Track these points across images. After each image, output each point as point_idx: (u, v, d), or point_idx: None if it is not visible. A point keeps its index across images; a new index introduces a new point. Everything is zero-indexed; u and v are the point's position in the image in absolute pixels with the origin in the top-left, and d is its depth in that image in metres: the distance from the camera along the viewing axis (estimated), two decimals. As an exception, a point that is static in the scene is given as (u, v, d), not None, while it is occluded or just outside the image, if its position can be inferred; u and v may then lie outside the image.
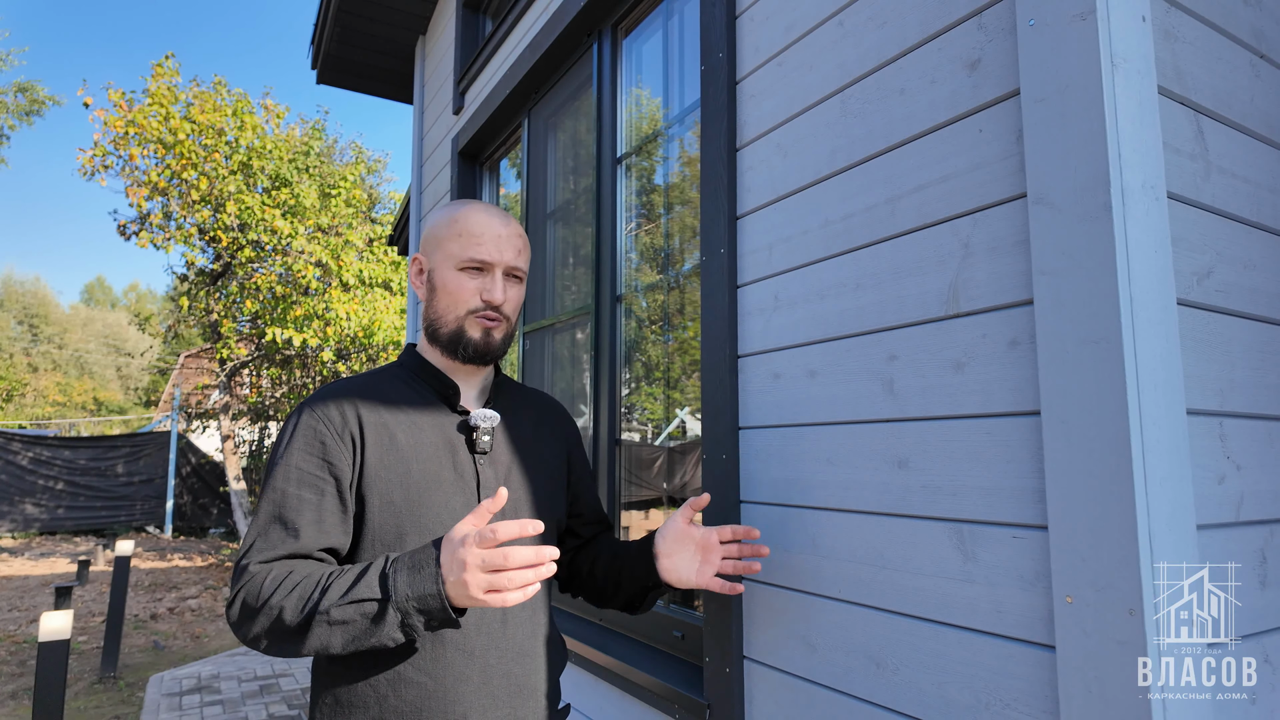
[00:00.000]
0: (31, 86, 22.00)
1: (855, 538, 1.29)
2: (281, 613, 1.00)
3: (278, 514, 1.08)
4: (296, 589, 1.01)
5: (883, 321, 1.26)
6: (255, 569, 1.05)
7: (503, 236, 1.22)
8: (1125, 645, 0.87)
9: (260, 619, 1.01)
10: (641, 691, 1.83)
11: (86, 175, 9.52)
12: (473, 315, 1.21)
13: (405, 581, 0.97)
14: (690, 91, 2.12)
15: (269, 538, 1.08)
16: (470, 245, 1.20)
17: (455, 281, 1.21)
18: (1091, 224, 0.94)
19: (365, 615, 0.97)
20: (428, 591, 0.96)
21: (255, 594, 1.02)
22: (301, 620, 0.99)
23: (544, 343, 2.95)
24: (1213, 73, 1.11)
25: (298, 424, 1.13)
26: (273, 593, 1.01)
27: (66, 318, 43.32)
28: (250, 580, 1.04)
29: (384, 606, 0.97)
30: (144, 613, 7.36)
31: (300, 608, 0.99)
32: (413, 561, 0.99)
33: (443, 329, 1.22)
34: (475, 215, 1.23)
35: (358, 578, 1.00)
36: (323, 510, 1.09)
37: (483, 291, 1.21)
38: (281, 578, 1.03)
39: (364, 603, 0.97)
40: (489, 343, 1.22)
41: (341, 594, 0.98)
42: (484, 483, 1.18)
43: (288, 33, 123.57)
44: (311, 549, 1.08)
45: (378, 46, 4.30)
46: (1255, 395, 1.09)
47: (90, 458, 13.26)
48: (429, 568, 0.97)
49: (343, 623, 0.98)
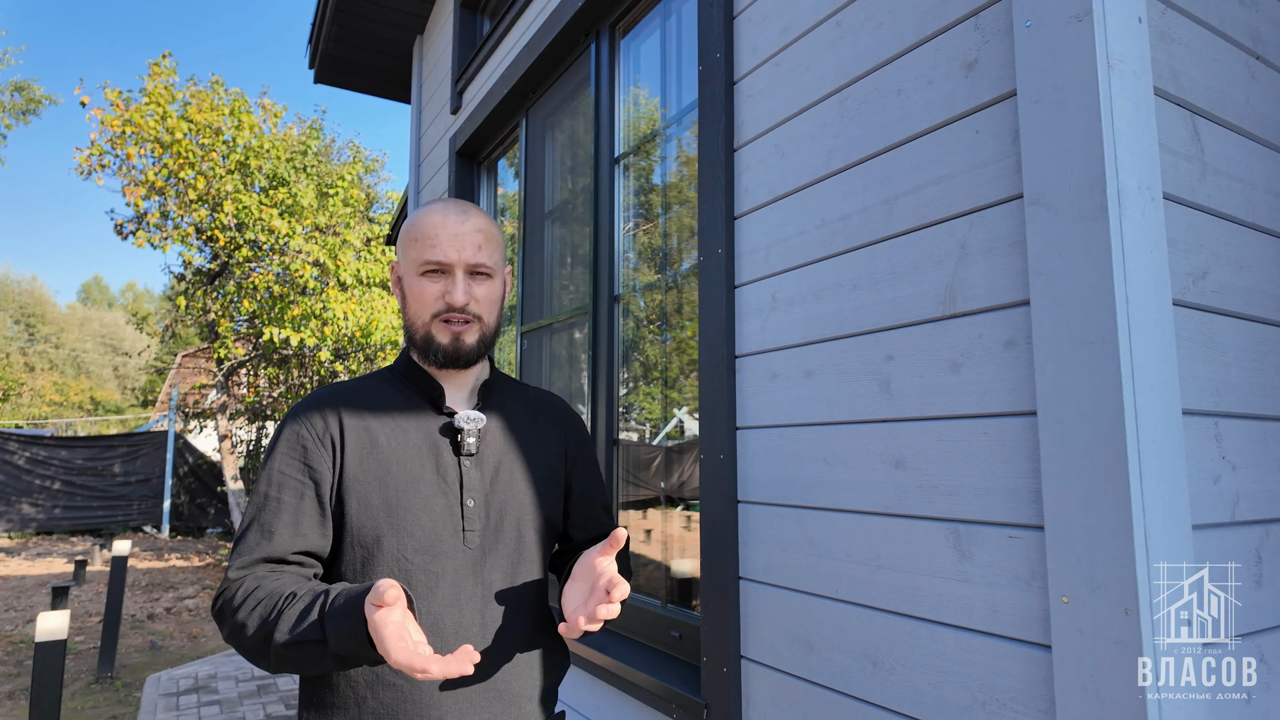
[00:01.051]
0: (28, 85, 21.95)
1: (852, 537, 1.29)
2: (245, 629, 1.02)
3: (256, 517, 1.11)
4: (258, 608, 1.02)
5: (880, 322, 1.26)
6: (234, 575, 1.07)
7: (460, 234, 1.17)
8: (1121, 644, 0.88)
9: (234, 632, 1.04)
10: (639, 691, 1.83)
11: (83, 174, 9.50)
12: (437, 319, 1.18)
13: (334, 629, 0.97)
14: (688, 91, 2.12)
15: (246, 542, 1.10)
16: (426, 247, 1.16)
17: (419, 287, 1.18)
18: (1088, 225, 0.94)
19: (315, 655, 0.99)
20: (358, 649, 0.96)
21: (230, 606, 1.04)
22: (260, 644, 1.01)
23: (542, 342, 2.95)
24: (1209, 74, 1.12)
25: (283, 430, 1.16)
26: (239, 607, 1.03)
27: (63, 317, 43.25)
28: (227, 588, 1.06)
29: (323, 647, 0.98)
30: (141, 613, 7.34)
31: (258, 628, 1.01)
32: (347, 607, 0.97)
33: (415, 335, 1.20)
34: (430, 216, 1.18)
35: (302, 613, 1.00)
36: (300, 513, 1.11)
37: (445, 294, 1.17)
38: (250, 591, 1.04)
39: (306, 644, 0.98)
40: (458, 347, 1.18)
41: (289, 628, 1.00)
42: (468, 484, 1.17)
43: (285, 32, 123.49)
44: (285, 552, 1.09)
45: (375, 46, 4.30)
46: (1251, 395, 1.09)
47: (87, 457, 13.23)
48: (356, 617, 0.95)
49: (294, 654, 0.99)
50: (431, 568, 1.12)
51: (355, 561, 1.13)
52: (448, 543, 1.13)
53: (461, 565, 1.14)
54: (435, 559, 1.12)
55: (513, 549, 1.19)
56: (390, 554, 1.11)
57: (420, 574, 1.11)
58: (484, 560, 1.16)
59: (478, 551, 1.15)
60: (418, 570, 1.11)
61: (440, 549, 1.13)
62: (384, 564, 1.11)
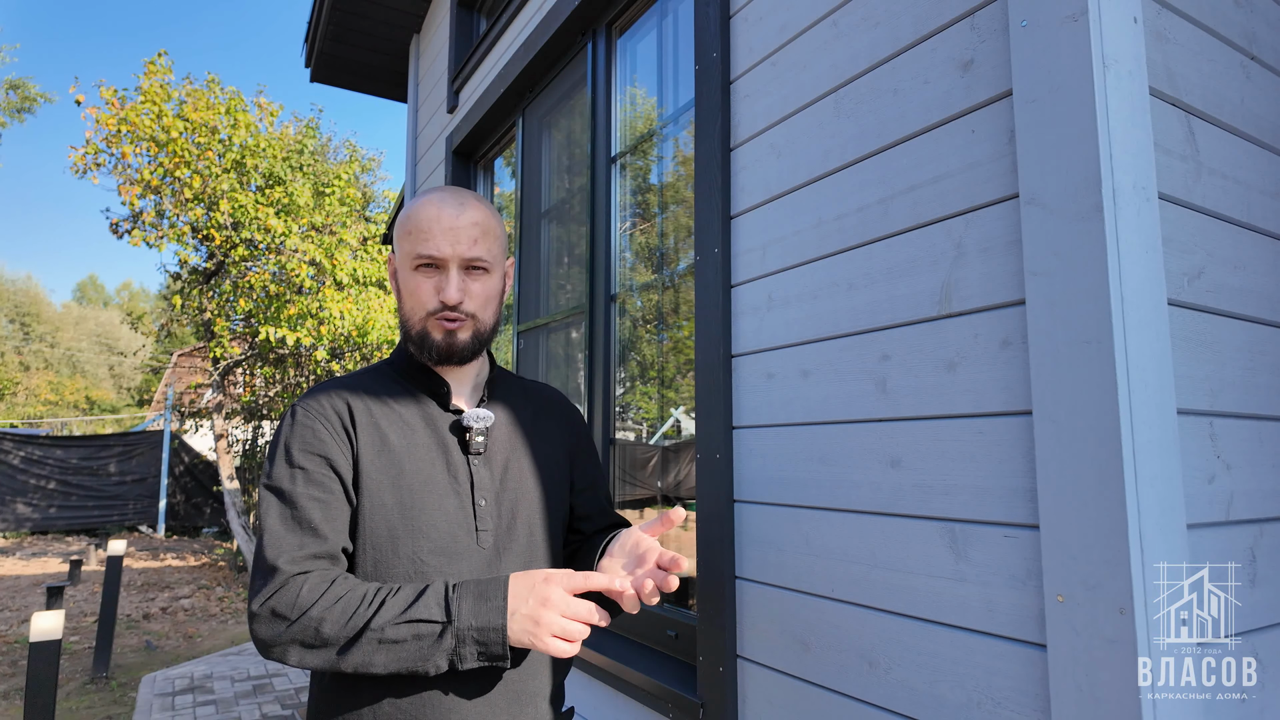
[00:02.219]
0: (23, 83, 21.88)
1: (848, 537, 1.29)
2: (321, 625, 0.97)
3: (293, 515, 1.05)
4: (340, 602, 0.98)
5: (875, 321, 1.26)
6: (287, 567, 1.01)
7: (455, 227, 1.12)
8: (1115, 644, 0.88)
9: (293, 629, 0.98)
10: (635, 691, 1.83)
11: (79, 173, 9.46)
12: (432, 317, 1.14)
13: (470, 609, 0.96)
14: (684, 91, 2.12)
15: (292, 538, 1.03)
16: (419, 241, 1.12)
17: (413, 282, 1.14)
18: (1083, 224, 0.94)
19: (420, 637, 0.96)
20: (492, 624, 0.95)
21: (290, 603, 0.98)
22: (346, 635, 0.96)
23: (539, 342, 2.95)
24: (1204, 74, 1.12)
25: (294, 423, 1.11)
26: (313, 604, 0.97)
27: (58, 316, 43.13)
28: (285, 587, 0.99)
29: (444, 630, 0.95)
30: (136, 612, 7.32)
31: (345, 621, 0.97)
32: (479, 590, 0.98)
33: (410, 332, 1.17)
34: (425, 209, 1.13)
35: (416, 597, 0.98)
36: (332, 509, 1.07)
37: (439, 291, 1.13)
38: (322, 588, 0.99)
39: (422, 623, 0.96)
40: (452, 345, 1.15)
41: (399, 611, 0.96)
42: (478, 484, 1.16)
43: (282, 31, 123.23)
44: (336, 548, 1.06)
45: (372, 45, 4.29)
46: (1245, 395, 1.10)
47: (82, 457, 13.20)
48: (496, 600, 0.97)
49: (395, 641, 0.96)
50: (448, 569, 1.10)
51: (367, 563, 1.09)
52: (463, 543, 1.12)
53: (477, 566, 1.12)
54: (451, 560, 1.11)
55: (525, 547, 1.18)
56: (406, 556, 1.09)
57: (436, 576, 1.09)
58: (498, 560, 1.14)
59: (491, 551, 1.14)
60: (434, 572, 1.09)
61: (456, 550, 1.11)
62: (400, 566, 1.09)
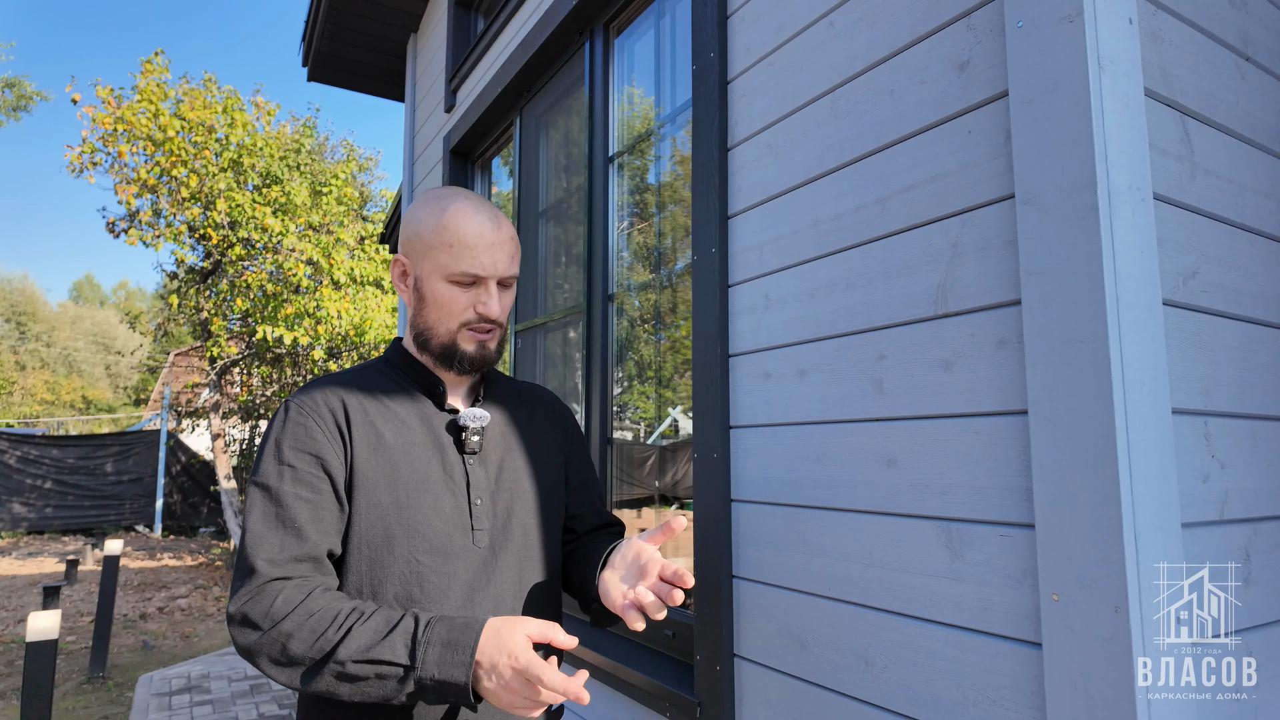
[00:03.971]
0: (19, 82, 21.83)
1: (845, 536, 1.29)
2: (289, 642, 0.95)
3: (277, 513, 1.03)
4: (312, 619, 0.96)
5: (872, 321, 1.26)
6: (265, 569, 1.00)
7: (496, 244, 1.14)
8: (1110, 642, 0.88)
9: (264, 639, 0.97)
10: (632, 690, 1.83)
11: (75, 172, 9.44)
12: (465, 328, 1.15)
13: (435, 658, 0.93)
14: (682, 90, 2.12)
15: (274, 538, 1.02)
16: (463, 258, 1.12)
17: (446, 294, 1.14)
18: (1078, 224, 0.94)
19: (383, 677, 0.94)
20: (454, 679, 0.92)
21: (264, 611, 0.97)
22: (312, 657, 0.95)
23: (536, 342, 2.95)
24: (1199, 75, 1.12)
25: (287, 419, 1.09)
26: (285, 616, 0.96)
27: (55, 315, 43.02)
28: (261, 594, 0.98)
29: (406, 674, 0.93)
30: (133, 612, 7.31)
31: (313, 642, 0.95)
32: (450, 636, 0.95)
33: (433, 340, 1.17)
34: (465, 222, 1.13)
35: (387, 631, 0.95)
36: (320, 510, 1.05)
37: (476, 304, 1.15)
38: (297, 599, 0.97)
39: (385, 665, 0.94)
40: (484, 355, 1.18)
41: (365, 646, 0.94)
42: (474, 483, 1.16)
43: (279, 30, 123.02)
44: (320, 550, 1.04)
45: (369, 44, 4.28)
46: (1240, 394, 1.10)
47: (79, 456, 13.17)
48: (463, 653, 0.93)
49: (356, 678, 0.94)
50: (444, 569, 1.10)
51: (362, 563, 1.08)
52: (459, 543, 1.12)
53: (473, 566, 1.12)
54: (447, 560, 1.10)
55: (520, 547, 1.18)
56: (402, 556, 1.08)
57: (433, 576, 1.09)
58: (494, 560, 1.14)
59: (487, 551, 1.14)
60: (430, 572, 1.09)
61: (452, 550, 1.11)
62: (395, 566, 1.08)
